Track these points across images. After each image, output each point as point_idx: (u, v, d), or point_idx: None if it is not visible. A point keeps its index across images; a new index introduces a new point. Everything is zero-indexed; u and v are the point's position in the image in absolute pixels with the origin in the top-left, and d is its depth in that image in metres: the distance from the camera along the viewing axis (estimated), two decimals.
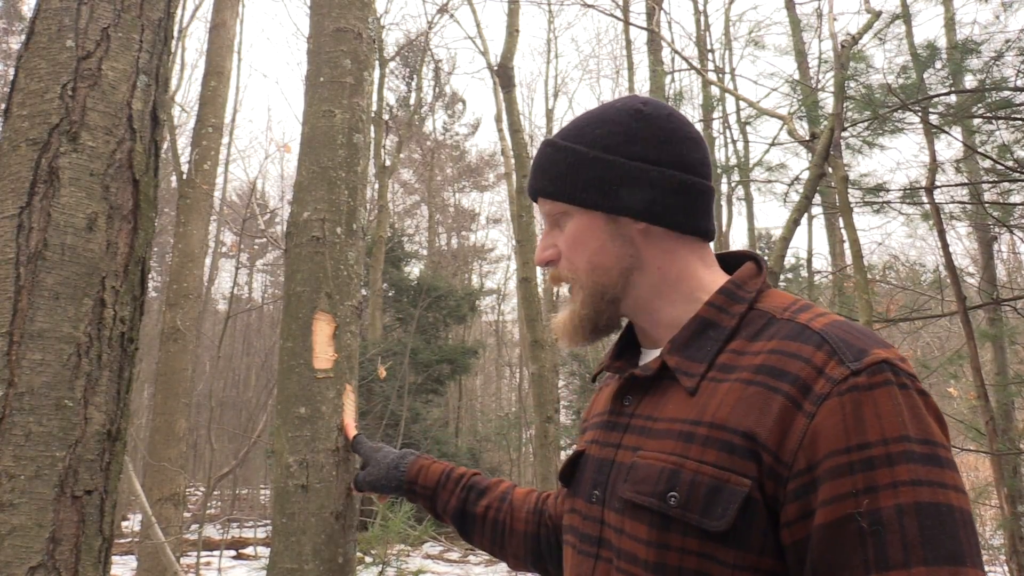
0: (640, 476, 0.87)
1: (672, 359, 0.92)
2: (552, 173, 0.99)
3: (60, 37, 1.29)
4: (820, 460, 0.75)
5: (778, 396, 0.79)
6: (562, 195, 0.98)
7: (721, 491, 0.79)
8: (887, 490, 0.72)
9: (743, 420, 0.80)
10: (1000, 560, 7.48)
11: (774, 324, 0.87)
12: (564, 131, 1.02)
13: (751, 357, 0.85)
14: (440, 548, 11.91)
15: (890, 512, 0.71)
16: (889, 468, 0.72)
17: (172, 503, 5.88)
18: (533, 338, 7.34)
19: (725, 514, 0.78)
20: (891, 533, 0.71)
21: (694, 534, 0.80)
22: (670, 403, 0.90)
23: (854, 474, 0.73)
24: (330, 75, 1.73)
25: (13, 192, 1.23)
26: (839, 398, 0.76)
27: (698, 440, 0.83)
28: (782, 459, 0.77)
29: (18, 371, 1.16)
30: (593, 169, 0.97)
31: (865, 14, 5.07)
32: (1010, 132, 4.53)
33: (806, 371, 0.79)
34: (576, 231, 0.98)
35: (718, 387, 0.85)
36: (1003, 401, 6.23)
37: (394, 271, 15.71)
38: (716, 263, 1.01)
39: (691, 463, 0.82)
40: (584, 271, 0.98)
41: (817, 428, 0.75)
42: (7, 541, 1.11)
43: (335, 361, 1.57)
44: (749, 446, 0.79)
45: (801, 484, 0.76)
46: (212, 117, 6.66)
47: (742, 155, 12.05)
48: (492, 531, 1.31)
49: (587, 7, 7.36)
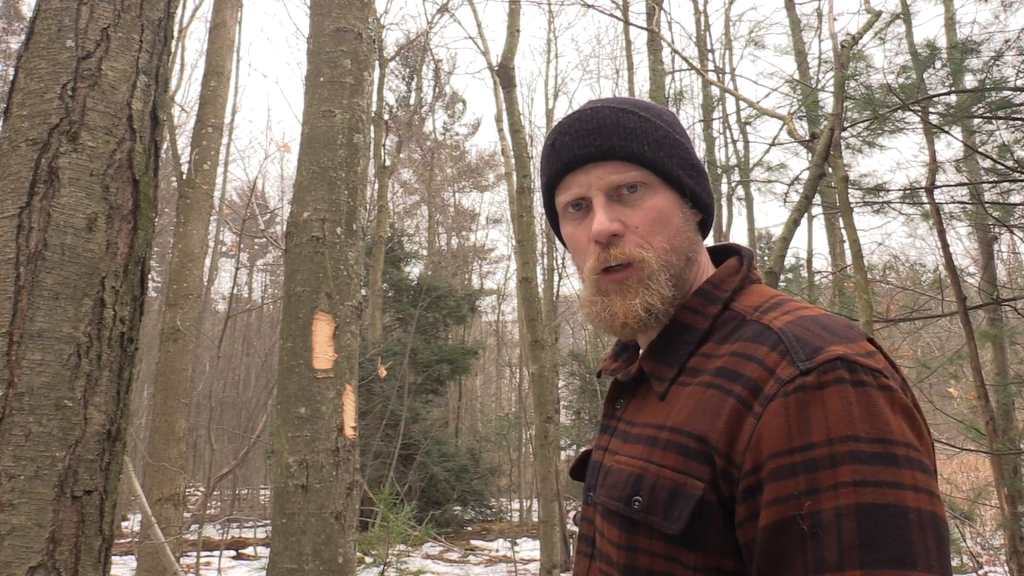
0: (612, 481, 0.88)
1: (647, 364, 0.92)
2: (646, 140, 0.92)
3: (60, 37, 1.28)
4: (764, 461, 0.74)
5: (731, 399, 0.79)
6: (657, 164, 0.92)
7: (678, 494, 0.79)
8: (828, 492, 0.70)
9: (697, 424, 0.80)
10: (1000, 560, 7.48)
11: (743, 325, 0.86)
12: (631, 103, 0.96)
13: (716, 360, 0.84)
14: (440, 548, 11.91)
15: (829, 514, 0.69)
16: (832, 469, 0.70)
17: (172, 503, 5.88)
18: (533, 338, 7.33)
19: (680, 517, 0.78)
20: (828, 535, 0.69)
21: (659, 537, 0.80)
22: (646, 408, 0.90)
23: (796, 476, 0.72)
24: (330, 75, 1.73)
25: (13, 192, 1.23)
26: (784, 399, 0.74)
27: (660, 444, 0.83)
28: (734, 461, 0.76)
29: (18, 371, 1.16)
30: (679, 149, 0.94)
31: (865, 14, 5.07)
32: (1010, 132, 4.53)
33: (758, 372, 0.78)
34: (661, 207, 0.92)
35: (683, 391, 0.85)
36: (1003, 401, 6.22)
37: (394, 271, 15.71)
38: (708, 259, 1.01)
39: (653, 467, 0.83)
40: (663, 250, 0.91)
41: (762, 430, 0.75)
42: (7, 541, 1.11)
43: (335, 361, 1.56)
44: (702, 449, 0.79)
45: (748, 485, 0.75)
46: (212, 117, 6.66)
47: (742, 155, 12.05)
48: None
49: (587, 7, 7.35)
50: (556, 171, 0.96)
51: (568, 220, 0.98)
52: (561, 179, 0.96)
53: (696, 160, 0.96)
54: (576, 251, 0.97)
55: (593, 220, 0.92)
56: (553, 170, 0.96)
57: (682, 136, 0.96)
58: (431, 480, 13.32)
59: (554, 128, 0.99)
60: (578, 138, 0.94)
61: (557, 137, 0.96)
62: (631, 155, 0.91)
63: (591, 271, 0.93)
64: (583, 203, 0.95)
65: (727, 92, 8.55)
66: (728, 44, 13.34)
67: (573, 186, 0.94)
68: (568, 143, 0.94)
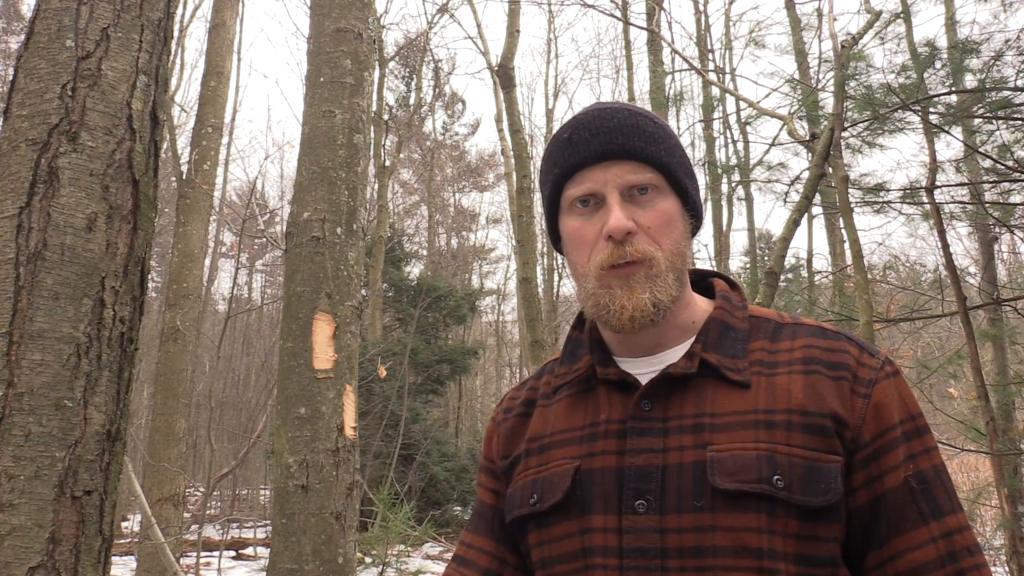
0: (734, 467, 0.86)
1: (711, 356, 0.94)
2: (663, 145, 0.95)
3: (60, 37, 1.28)
4: (881, 432, 0.89)
5: (842, 382, 0.90)
6: (670, 170, 0.94)
7: (817, 470, 0.86)
8: (923, 455, 0.89)
9: (823, 404, 0.89)
10: (1000, 560, 7.48)
11: (785, 327, 0.97)
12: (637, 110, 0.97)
13: (786, 354, 0.93)
14: (440, 548, 11.90)
15: (931, 472, 0.89)
16: (919, 438, 0.90)
17: (172, 503, 5.88)
18: (533, 338, 7.33)
19: (829, 489, 0.86)
20: (936, 488, 0.88)
21: (795, 515, 0.85)
22: (718, 399, 0.90)
23: (906, 443, 0.89)
24: (330, 75, 1.73)
25: (13, 192, 1.23)
26: (886, 381, 0.91)
27: (781, 426, 0.88)
28: (855, 435, 0.89)
29: (18, 371, 1.16)
30: (685, 158, 0.99)
31: (865, 14, 5.07)
32: (1010, 132, 4.53)
33: (850, 360, 0.92)
34: (670, 211, 0.94)
35: (773, 379, 0.91)
36: (1003, 401, 6.22)
37: (394, 271, 15.71)
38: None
39: (782, 447, 0.87)
40: (671, 252, 0.93)
41: (876, 405, 0.89)
42: (7, 541, 1.11)
43: (335, 361, 1.56)
44: (832, 426, 0.88)
45: (865, 455, 0.88)
46: (212, 117, 6.66)
47: (742, 155, 12.06)
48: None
49: (587, 7, 7.35)
50: (573, 164, 0.95)
51: (574, 214, 0.96)
52: (575, 173, 0.96)
53: (693, 170, 1.02)
54: (580, 246, 0.96)
55: (608, 216, 0.92)
56: (569, 163, 0.96)
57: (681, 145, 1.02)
58: (431, 480, 13.32)
59: (569, 123, 0.99)
60: (599, 134, 0.94)
61: (574, 132, 0.96)
62: (649, 157, 0.93)
63: (598, 266, 0.93)
64: (592, 199, 0.94)
65: (727, 92, 8.55)
66: (728, 44, 13.35)
67: (587, 181, 0.94)
68: (588, 138, 0.95)
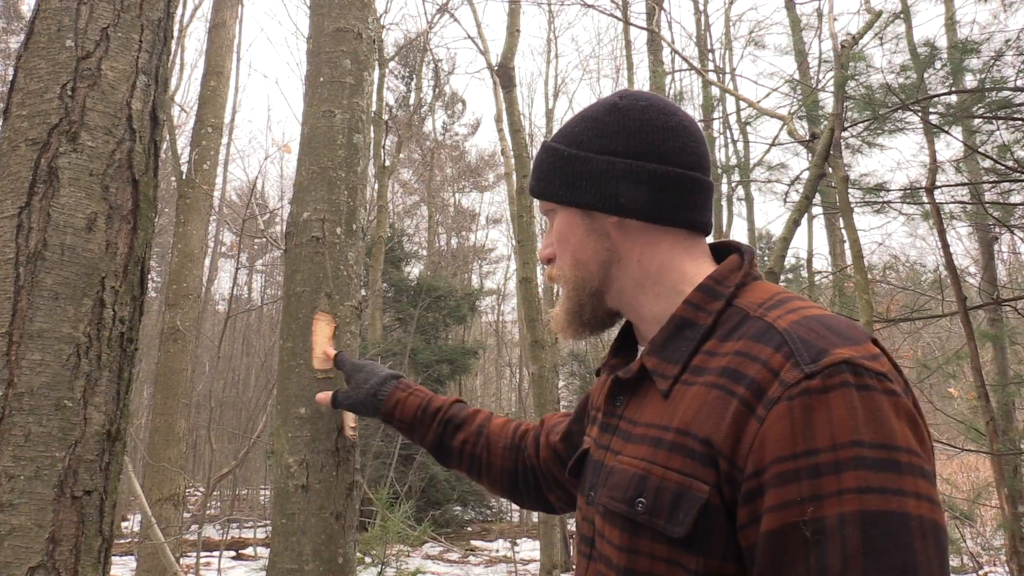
0: (615, 482, 0.88)
1: (650, 361, 0.91)
2: (538, 173, 1.03)
3: (60, 37, 1.28)
4: (767, 466, 0.73)
5: (734, 400, 0.78)
6: (545, 194, 1.02)
7: (683, 497, 0.79)
8: (832, 498, 0.69)
9: (702, 426, 0.79)
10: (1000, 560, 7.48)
11: (746, 322, 0.85)
12: (556, 132, 1.05)
13: (719, 359, 0.83)
14: (440, 548, 11.91)
15: (833, 521, 0.69)
16: (836, 475, 0.69)
17: (172, 503, 5.88)
18: (533, 338, 7.33)
19: (684, 520, 0.78)
20: (832, 543, 0.68)
21: (661, 540, 0.80)
22: (649, 406, 0.90)
23: (800, 481, 0.71)
24: (330, 75, 1.73)
25: (13, 192, 1.23)
26: (788, 402, 0.73)
27: (665, 446, 0.83)
28: (736, 464, 0.76)
29: (18, 371, 1.16)
30: (568, 166, 0.99)
31: (865, 14, 5.07)
32: (1010, 132, 4.53)
33: (762, 374, 0.77)
34: (560, 227, 1.02)
35: (687, 390, 0.84)
36: (1003, 401, 6.22)
37: (394, 271, 15.70)
38: (707, 256, 0.98)
39: (658, 469, 0.82)
40: (568, 266, 1.01)
41: (765, 433, 0.74)
42: (7, 541, 1.11)
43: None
44: (707, 452, 0.78)
45: (750, 489, 0.75)
46: (212, 117, 6.66)
47: (742, 155, 12.06)
48: (469, 464, 1.36)
49: (587, 7, 7.35)
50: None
51: None
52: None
53: (598, 165, 0.95)
54: None
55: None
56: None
57: (586, 143, 0.97)
58: (431, 480, 13.32)
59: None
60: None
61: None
62: (533, 193, 1.04)
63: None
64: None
65: (727, 92, 8.56)
66: (728, 44, 13.34)
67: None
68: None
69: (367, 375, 1.42)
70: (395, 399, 1.39)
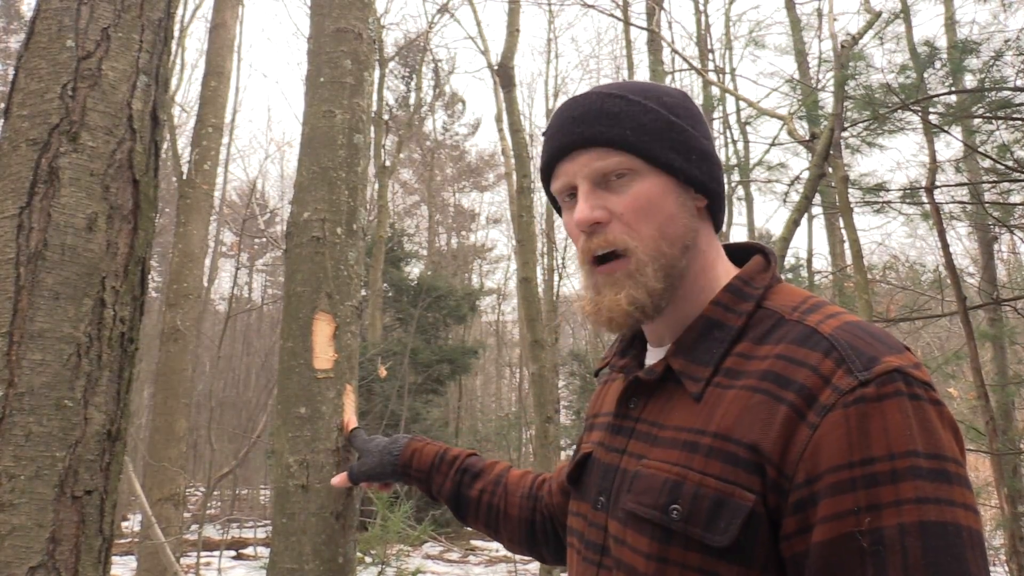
0: (643, 487, 0.83)
1: (677, 362, 0.87)
2: (629, 124, 0.88)
3: (60, 37, 1.29)
4: (821, 474, 0.71)
5: (782, 406, 0.75)
6: (641, 149, 0.88)
7: (725, 505, 0.76)
8: (890, 508, 0.68)
9: (748, 432, 0.76)
10: (1000, 560, 7.48)
11: (783, 326, 0.82)
12: (623, 88, 0.93)
13: (758, 362, 0.80)
14: (440, 548, 11.91)
15: (892, 532, 0.67)
16: (893, 485, 0.68)
17: (172, 503, 5.88)
18: (533, 338, 7.34)
19: (728, 529, 0.75)
20: (892, 554, 0.67)
21: (696, 548, 0.77)
22: (676, 409, 0.85)
23: (856, 491, 0.69)
24: (330, 75, 1.73)
25: (13, 192, 1.23)
26: (844, 410, 0.72)
27: (702, 451, 0.79)
28: (785, 472, 0.73)
29: (18, 371, 1.16)
30: (674, 132, 0.90)
31: (865, 14, 5.07)
32: (1010, 132, 4.53)
33: (812, 380, 0.75)
34: (648, 193, 0.88)
35: (724, 394, 0.81)
36: (1003, 401, 6.23)
37: (394, 271, 15.70)
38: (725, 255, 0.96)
39: (694, 475, 0.78)
40: (652, 239, 0.87)
41: (819, 441, 0.72)
42: (7, 541, 1.11)
43: (335, 361, 1.57)
44: (753, 459, 0.75)
45: (800, 498, 0.73)
46: (212, 117, 6.66)
47: (742, 155, 12.05)
48: (487, 515, 1.30)
49: (587, 7, 7.36)
50: (546, 161, 0.95)
51: (565, 208, 0.96)
52: (552, 168, 0.95)
53: (700, 143, 0.92)
54: (573, 240, 0.95)
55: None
56: (545, 159, 0.95)
57: (684, 118, 0.92)
58: None
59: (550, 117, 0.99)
60: (563, 126, 0.92)
61: (548, 127, 0.95)
62: (612, 140, 0.88)
63: (581, 261, 0.92)
64: (573, 191, 0.93)
65: (727, 92, 8.56)
66: (728, 44, 13.33)
67: (561, 175, 0.93)
68: (555, 132, 0.93)
69: (378, 442, 1.43)
70: (411, 449, 1.36)
